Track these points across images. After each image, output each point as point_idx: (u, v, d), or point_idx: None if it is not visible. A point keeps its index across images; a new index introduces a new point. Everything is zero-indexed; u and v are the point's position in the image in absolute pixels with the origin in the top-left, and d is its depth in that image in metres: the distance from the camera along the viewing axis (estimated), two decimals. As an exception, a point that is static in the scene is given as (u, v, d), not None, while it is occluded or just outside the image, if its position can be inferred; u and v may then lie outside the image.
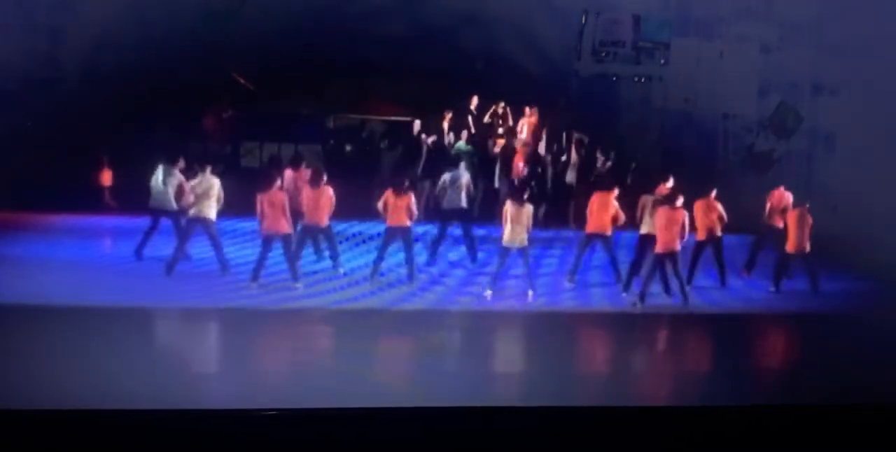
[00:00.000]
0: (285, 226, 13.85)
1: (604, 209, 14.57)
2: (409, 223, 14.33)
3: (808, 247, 14.96)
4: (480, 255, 15.67)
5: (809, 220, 14.96)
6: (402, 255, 14.59)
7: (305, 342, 12.45)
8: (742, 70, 19.72)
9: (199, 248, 14.85)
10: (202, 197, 14.23)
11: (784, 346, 13.52)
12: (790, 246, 15.00)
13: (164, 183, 14.57)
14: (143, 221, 15.12)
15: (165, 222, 14.82)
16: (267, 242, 13.88)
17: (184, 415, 9.30)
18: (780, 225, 15.42)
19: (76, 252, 15.34)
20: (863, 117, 17.66)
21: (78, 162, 17.59)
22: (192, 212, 14.31)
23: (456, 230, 15.77)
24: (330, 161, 19.08)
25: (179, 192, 14.45)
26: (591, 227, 14.69)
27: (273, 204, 13.74)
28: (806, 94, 19.42)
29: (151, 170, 14.70)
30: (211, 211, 14.25)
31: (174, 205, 14.54)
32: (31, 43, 18.02)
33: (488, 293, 14.04)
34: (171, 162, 14.64)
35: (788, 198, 15.64)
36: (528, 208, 14.04)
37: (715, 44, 20.07)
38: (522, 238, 13.91)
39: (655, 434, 9.53)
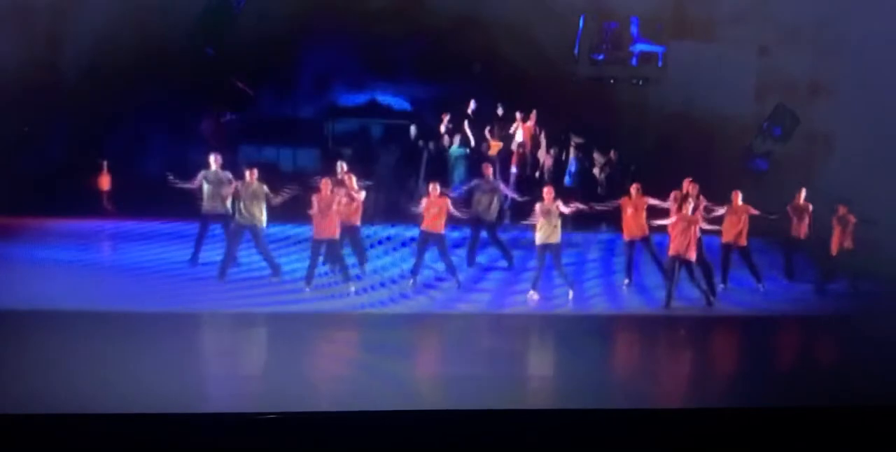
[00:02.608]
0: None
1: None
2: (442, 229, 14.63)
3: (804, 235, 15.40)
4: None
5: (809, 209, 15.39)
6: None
7: (305, 346, 12.45)
8: (739, 72, 19.73)
9: (206, 253, 14.92)
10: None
11: (784, 348, 13.52)
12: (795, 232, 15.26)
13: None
14: (143, 225, 15.18)
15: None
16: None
17: (184, 420, 9.30)
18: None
19: (74, 256, 15.34)
20: (860, 118, 17.69)
21: (77, 166, 17.60)
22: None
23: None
24: (328, 164, 19.08)
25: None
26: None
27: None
28: (803, 96, 19.44)
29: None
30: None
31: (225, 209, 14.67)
32: (29, 48, 18.00)
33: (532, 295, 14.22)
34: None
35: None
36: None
37: (712, 46, 20.08)
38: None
39: (658, 436, 9.54)
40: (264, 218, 14.31)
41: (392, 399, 10.15)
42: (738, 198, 15.19)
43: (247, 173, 14.43)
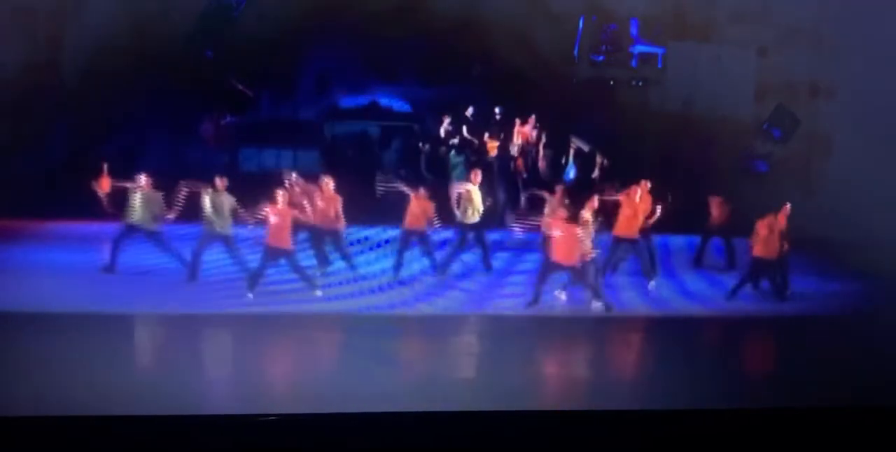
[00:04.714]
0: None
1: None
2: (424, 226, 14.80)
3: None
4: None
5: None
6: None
7: (305, 347, 12.45)
8: (739, 73, 19.75)
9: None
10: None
11: (781, 348, 13.52)
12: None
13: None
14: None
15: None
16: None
17: (184, 421, 9.31)
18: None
19: (74, 259, 15.33)
20: (860, 119, 17.70)
21: (77, 169, 17.60)
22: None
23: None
24: (327, 166, 19.13)
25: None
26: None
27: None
28: (803, 97, 19.45)
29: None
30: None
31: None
32: (29, 50, 18.05)
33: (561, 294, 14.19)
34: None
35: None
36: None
37: (712, 47, 20.10)
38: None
39: (653, 437, 9.55)
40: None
41: (392, 400, 10.16)
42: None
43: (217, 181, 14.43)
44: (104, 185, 18.03)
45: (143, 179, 14.53)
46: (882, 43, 17.37)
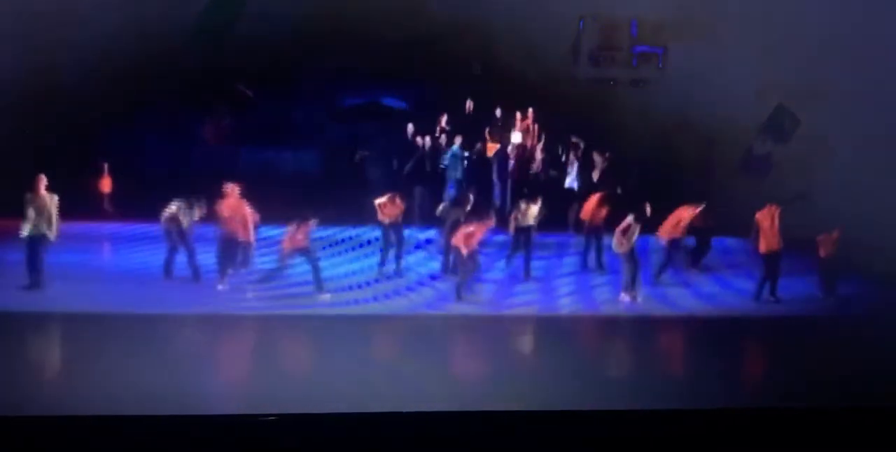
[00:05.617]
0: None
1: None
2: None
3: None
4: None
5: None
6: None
7: (305, 347, 12.48)
8: (739, 72, 19.71)
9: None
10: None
11: (781, 348, 13.52)
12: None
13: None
14: (143, 227, 15.22)
15: None
16: None
17: (184, 421, 9.32)
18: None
19: (74, 258, 15.34)
20: (860, 120, 17.69)
21: (77, 169, 17.63)
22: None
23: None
24: (327, 166, 19.17)
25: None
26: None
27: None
28: (803, 97, 19.42)
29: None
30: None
31: None
32: (30, 52, 18.03)
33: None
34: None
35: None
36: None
37: (712, 46, 20.07)
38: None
39: (656, 438, 9.55)
40: None
41: (392, 400, 10.16)
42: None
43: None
44: (105, 185, 18.15)
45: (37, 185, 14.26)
46: (882, 43, 17.35)
